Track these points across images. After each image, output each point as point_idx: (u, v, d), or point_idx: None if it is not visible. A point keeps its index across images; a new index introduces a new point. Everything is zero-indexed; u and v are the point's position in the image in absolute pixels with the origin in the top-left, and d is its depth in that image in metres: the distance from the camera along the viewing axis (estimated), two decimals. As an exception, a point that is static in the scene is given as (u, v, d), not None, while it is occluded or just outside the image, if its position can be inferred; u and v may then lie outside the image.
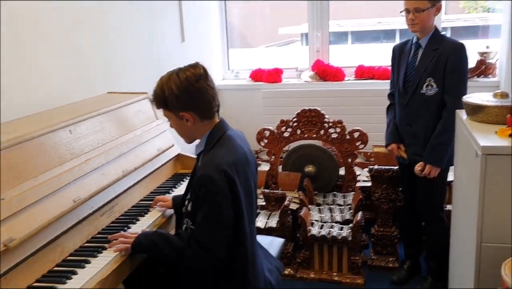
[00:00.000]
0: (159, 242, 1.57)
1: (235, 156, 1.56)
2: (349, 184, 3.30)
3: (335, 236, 2.74)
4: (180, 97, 1.56)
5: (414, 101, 2.44)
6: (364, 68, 3.94)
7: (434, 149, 2.38)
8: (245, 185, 1.57)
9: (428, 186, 2.49)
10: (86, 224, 1.73)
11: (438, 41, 2.39)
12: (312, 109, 3.26)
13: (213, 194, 1.48)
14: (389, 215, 2.87)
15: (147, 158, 2.21)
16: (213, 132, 1.63)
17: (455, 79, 2.34)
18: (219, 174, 1.47)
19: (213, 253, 1.50)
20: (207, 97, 1.58)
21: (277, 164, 3.39)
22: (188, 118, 1.60)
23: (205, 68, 1.62)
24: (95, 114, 2.05)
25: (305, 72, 4.11)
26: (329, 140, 3.27)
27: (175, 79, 1.57)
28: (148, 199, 2.09)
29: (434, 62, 2.37)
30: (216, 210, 1.49)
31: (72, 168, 1.76)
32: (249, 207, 1.61)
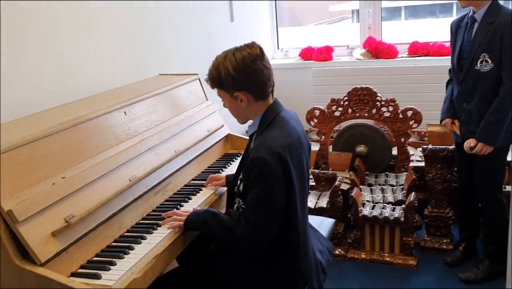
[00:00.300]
0: (210, 221, 1.61)
1: (288, 138, 1.55)
2: (402, 164, 3.23)
3: (387, 217, 2.70)
4: (235, 78, 1.55)
5: (469, 78, 2.34)
6: (419, 44, 3.80)
7: (487, 127, 2.28)
8: (298, 167, 1.56)
9: (487, 165, 2.39)
10: (142, 202, 1.79)
11: (495, 14, 2.24)
12: (364, 87, 3.19)
13: (266, 175, 1.48)
14: (443, 195, 2.79)
15: (198, 138, 2.24)
16: (267, 113, 1.62)
17: (511, 54, 2.19)
18: (272, 156, 1.47)
19: (261, 234, 1.51)
20: (263, 78, 1.57)
21: (328, 144, 3.36)
22: (243, 99, 1.59)
23: (261, 48, 1.59)
24: (148, 96, 2.10)
25: (356, 50, 4.02)
26: (381, 120, 3.20)
27: (231, 59, 1.55)
28: (199, 178, 2.13)
29: (489, 37, 2.24)
30: (268, 192, 1.49)
31: (127, 148, 1.82)
32: (302, 190, 1.61)
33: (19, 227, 1.32)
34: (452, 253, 2.73)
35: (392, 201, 2.90)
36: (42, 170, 1.48)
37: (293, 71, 4.15)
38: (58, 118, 1.67)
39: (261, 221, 1.51)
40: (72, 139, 1.64)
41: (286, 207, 1.54)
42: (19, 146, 1.45)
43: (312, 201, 2.91)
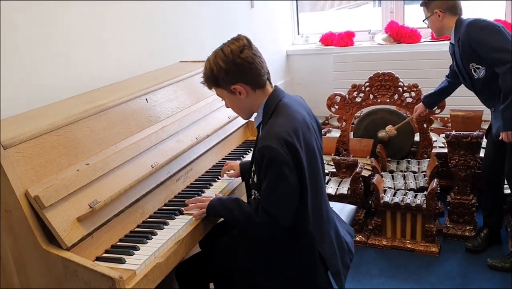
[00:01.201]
0: (232, 208, 1.62)
1: (293, 123, 1.54)
2: (424, 150, 3.19)
3: (409, 204, 2.68)
4: (228, 71, 1.56)
5: (477, 87, 2.49)
6: (443, 28, 3.71)
7: (503, 117, 2.32)
8: (307, 150, 1.56)
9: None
10: (164, 188, 1.81)
11: (458, 31, 2.44)
12: (386, 73, 3.15)
13: (275, 163, 1.48)
14: (466, 182, 2.75)
15: (218, 125, 2.25)
16: (269, 102, 1.62)
17: (487, 53, 2.32)
18: (279, 143, 1.47)
19: (279, 221, 1.52)
20: (255, 66, 1.57)
21: (349, 130, 3.33)
22: (241, 91, 1.59)
23: (248, 38, 1.60)
24: (169, 83, 2.12)
25: (378, 35, 3.96)
26: (403, 105, 3.16)
27: (220, 55, 1.57)
28: (220, 165, 2.15)
29: (462, 51, 2.43)
30: (279, 178, 1.49)
31: (149, 134, 1.84)
32: (314, 172, 1.60)
33: (46, 212, 1.35)
34: (473, 239, 2.70)
35: (414, 188, 2.88)
36: (66, 157, 1.52)
37: (313, 57, 4.11)
38: (81, 106, 1.70)
39: (277, 208, 1.52)
40: (96, 126, 1.67)
41: (300, 191, 1.54)
42: (44, 134, 1.48)
43: (332, 187, 2.90)
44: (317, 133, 1.69)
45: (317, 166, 1.63)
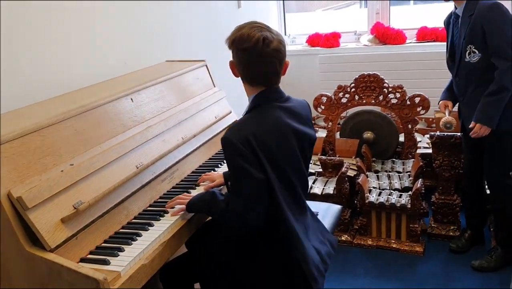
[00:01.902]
0: (209, 201, 1.62)
1: (264, 127, 1.52)
2: (409, 150, 3.22)
3: (394, 203, 2.70)
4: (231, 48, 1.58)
5: (461, 70, 2.41)
6: (427, 30, 3.75)
7: (482, 108, 2.30)
8: (272, 159, 1.51)
9: (495, 151, 2.39)
10: (149, 189, 1.80)
11: (473, 6, 2.29)
12: (371, 74, 3.17)
13: (235, 156, 1.47)
14: (450, 183, 2.78)
15: (205, 125, 2.25)
16: (255, 98, 1.60)
17: (497, 40, 2.23)
18: (238, 138, 1.46)
19: (246, 220, 1.50)
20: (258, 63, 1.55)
21: (335, 130, 3.35)
22: (233, 69, 1.61)
23: (266, 37, 1.54)
24: (154, 83, 2.10)
25: (364, 36, 3.98)
26: (388, 106, 3.19)
27: (243, 31, 1.56)
28: (206, 165, 2.14)
29: (470, 29, 2.30)
30: (241, 172, 1.48)
31: (134, 134, 1.83)
32: (283, 185, 1.56)
33: (29, 213, 1.34)
34: (457, 240, 2.73)
35: (398, 188, 2.90)
36: (50, 157, 1.50)
37: (300, 58, 4.12)
38: (66, 106, 1.68)
39: (244, 201, 1.49)
40: (80, 126, 1.65)
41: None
42: (28, 133, 1.46)
43: (319, 187, 2.92)
44: (303, 145, 1.64)
45: (288, 178, 1.58)
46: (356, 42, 4.05)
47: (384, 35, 3.81)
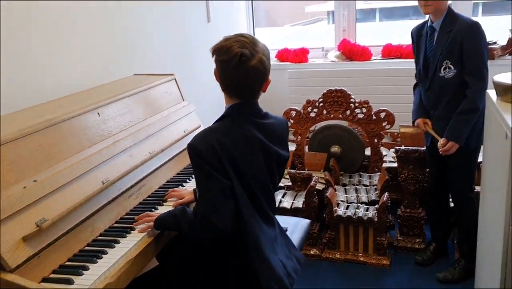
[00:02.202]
0: (179, 217, 1.60)
1: (231, 137, 1.52)
2: (375, 164, 3.28)
3: (361, 217, 2.74)
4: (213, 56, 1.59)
5: (435, 84, 2.43)
6: (392, 47, 3.86)
7: (454, 125, 2.36)
8: (236, 169, 1.52)
9: (460, 166, 2.47)
10: (115, 205, 1.77)
11: (452, 22, 2.34)
12: (338, 89, 3.23)
13: (200, 162, 1.48)
14: (415, 196, 2.84)
15: (173, 139, 2.23)
16: (230, 108, 1.61)
17: (473, 59, 2.30)
18: (204, 145, 1.47)
19: (216, 226, 1.48)
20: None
21: (304, 144, 3.39)
22: (215, 76, 1.61)
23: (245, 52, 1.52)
24: (122, 97, 2.08)
25: (331, 52, 4.06)
26: (355, 121, 3.24)
27: (226, 42, 1.56)
28: (174, 180, 2.12)
29: (448, 44, 2.34)
30: (206, 176, 1.48)
31: (101, 149, 1.80)
32: (250, 193, 1.57)
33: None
34: (422, 253, 2.79)
35: (365, 201, 2.95)
36: (13, 173, 1.45)
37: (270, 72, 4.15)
38: (30, 120, 1.64)
39: (211, 211, 1.48)
40: (44, 141, 1.61)
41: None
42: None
43: (288, 201, 2.93)
44: (272, 165, 1.64)
45: (252, 190, 1.58)
46: (324, 58, 4.13)
47: (351, 52, 3.90)
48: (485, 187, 2.13)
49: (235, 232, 1.54)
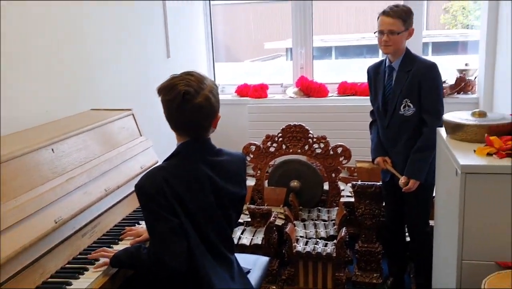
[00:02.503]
0: (135, 254, 1.57)
1: (179, 176, 1.51)
2: (333, 199, 3.32)
3: (320, 252, 2.75)
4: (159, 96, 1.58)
5: (394, 122, 2.50)
6: (347, 84, 3.99)
7: (413, 163, 2.43)
8: (185, 208, 1.51)
9: (416, 201, 2.53)
10: (68, 245, 1.71)
11: (410, 63, 2.44)
12: (297, 125, 3.28)
13: (148, 202, 1.47)
14: (372, 230, 2.89)
15: (130, 175, 2.20)
16: (179, 146, 1.60)
17: (431, 98, 2.39)
18: (151, 184, 1.46)
19: (166, 263, 1.45)
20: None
21: (263, 178, 3.40)
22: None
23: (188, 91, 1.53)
24: (78, 132, 2.04)
25: (289, 88, 4.15)
26: (313, 156, 3.30)
27: (170, 81, 1.57)
28: (131, 218, 2.08)
29: (408, 84, 2.42)
30: (155, 216, 1.46)
31: (54, 187, 1.75)
32: (201, 234, 1.56)
33: None
34: (380, 287, 2.81)
35: (324, 236, 2.97)
36: (-43, 213, 1.39)
37: (229, 107, 4.19)
38: (-22, 157, 1.58)
39: (161, 247, 1.46)
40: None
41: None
42: None
43: (247, 237, 2.91)
44: (225, 204, 1.62)
45: (202, 230, 1.56)
46: (283, 94, 4.21)
47: (308, 89, 4.00)
48: (438, 221, 2.20)
49: (189, 270, 1.52)
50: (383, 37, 2.39)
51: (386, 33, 2.38)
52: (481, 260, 1.64)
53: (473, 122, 1.83)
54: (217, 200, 1.59)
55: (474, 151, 1.71)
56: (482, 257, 1.64)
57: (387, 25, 2.38)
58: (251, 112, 4.05)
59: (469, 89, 3.73)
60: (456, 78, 3.73)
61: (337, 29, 5.80)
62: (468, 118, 1.87)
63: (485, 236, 1.63)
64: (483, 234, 1.63)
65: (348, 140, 3.40)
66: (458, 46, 5.35)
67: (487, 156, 1.65)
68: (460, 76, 3.73)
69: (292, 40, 4.16)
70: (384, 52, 2.47)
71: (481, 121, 1.82)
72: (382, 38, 2.40)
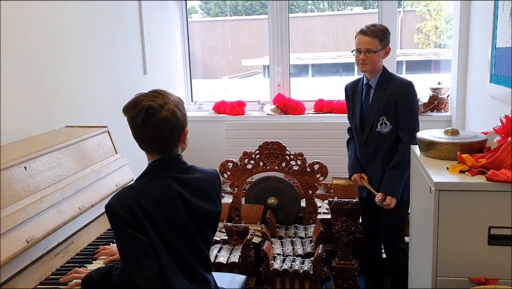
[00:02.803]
0: (107, 275, 1.54)
1: (149, 195, 1.49)
2: (310, 216, 3.33)
3: (297, 270, 2.74)
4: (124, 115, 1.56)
5: (371, 139, 2.54)
6: (324, 102, 4.04)
7: (390, 180, 2.46)
8: (156, 227, 1.49)
9: (391, 218, 2.55)
10: (40, 265, 1.67)
11: (387, 81, 2.50)
12: (274, 142, 3.30)
13: (118, 224, 1.44)
14: (349, 247, 2.90)
15: (105, 194, 2.16)
16: (149, 165, 1.59)
17: (407, 116, 2.45)
18: (121, 205, 1.44)
19: (137, 284, 1.42)
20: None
21: (240, 196, 3.39)
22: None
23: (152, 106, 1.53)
24: (52, 150, 2.01)
25: (267, 105, 4.17)
26: (290, 173, 3.31)
27: (134, 99, 1.56)
28: (105, 237, 2.04)
29: (385, 102, 2.47)
30: (125, 236, 1.44)
31: (26, 205, 1.71)
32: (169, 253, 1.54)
33: None
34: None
35: (301, 254, 2.96)
36: None
37: (207, 124, 4.19)
38: None
39: (132, 269, 1.43)
40: (-38, 198, 1.51)
41: None
42: None
43: (224, 256, 2.89)
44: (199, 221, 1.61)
45: (175, 249, 1.54)
46: (260, 111, 4.23)
47: (285, 106, 4.03)
48: (413, 238, 2.22)
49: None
50: (361, 56, 2.44)
51: (363, 51, 2.42)
52: (455, 276, 1.66)
53: (446, 140, 1.87)
54: (191, 218, 1.57)
55: (447, 168, 1.74)
56: (457, 273, 1.66)
57: (365, 44, 2.43)
58: (228, 129, 4.05)
59: (442, 107, 3.82)
60: (429, 97, 3.82)
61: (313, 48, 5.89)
62: (441, 136, 1.91)
63: (459, 252, 1.65)
64: (457, 250, 1.65)
65: (325, 157, 3.43)
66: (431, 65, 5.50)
67: (460, 173, 1.68)
68: (433, 95, 3.82)
69: (269, 58, 4.20)
70: (361, 70, 2.52)
71: (453, 139, 1.86)
72: (359, 57, 2.44)
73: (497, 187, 1.56)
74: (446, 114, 3.75)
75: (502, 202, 1.57)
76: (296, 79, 4.78)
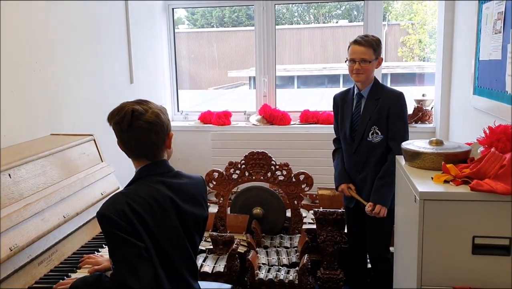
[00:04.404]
0: (94, 284, 1.52)
1: (140, 200, 1.49)
2: (295, 226, 3.34)
3: (282, 280, 2.74)
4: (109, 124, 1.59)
5: (362, 148, 2.56)
6: (309, 113, 4.07)
7: (379, 189, 2.48)
8: (149, 232, 1.49)
9: (378, 228, 2.57)
10: (23, 274, 1.64)
11: (379, 91, 2.53)
12: (260, 152, 3.30)
13: (111, 229, 1.43)
14: (334, 257, 2.91)
15: (90, 202, 2.15)
16: (138, 171, 1.60)
17: (398, 126, 2.48)
18: (113, 211, 1.43)
19: (128, 282, 1.41)
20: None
21: (226, 206, 3.38)
22: (119, 145, 1.60)
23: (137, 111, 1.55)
24: (36, 157, 1.99)
25: (253, 116, 4.19)
26: (276, 183, 3.32)
27: (118, 106, 1.59)
28: (89, 246, 2.02)
29: (376, 112, 2.50)
30: (119, 241, 1.43)
31: (10, 213, 1.69)
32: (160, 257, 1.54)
33: None
34: (343, 314, 2.82)
35: (287, 264, 2.96)
36: None
37: (192, 134, 4.18)
38: None
39: (127, 275, 1.42)
40: None
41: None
42: None
43: (209, 265, 2.87)
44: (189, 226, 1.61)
45: (166, 254, 1.54)
46: (246, 121, 4.24)
47: (271, 116, 4.05)
48: (398, 247, 2.24)
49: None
50: (355, 65, 2.47)
51: (358, 61, 2.46)
52: (440, 286, 1.68)
53: (430, 150, 1.90)
54: (181, 223, 1.58)
55: (431, 178, 1.76)
56: (441, 282, 1.68)
57: (359, 54, 2.46)
58: (214, 139, 4.05)
59: (426, 119, 3.88)
60: (414, 108, 3.88)
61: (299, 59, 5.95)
62: (426, 147, 1.94)
63: (444, 262, 1.67)
64: (442, 260, 1.67)
65: (310, 168, 3.44)
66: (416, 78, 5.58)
67: (444, 183, 1.71)
68: (417, 106, 3.89)
69: (256, 69, 4.22)
70: (355, 80, 2.55)
71: (438, 150, 1.89)
72: (354, 66, 2.47)
73: (481, 196, 1.58)
74: (430, 126, 3.81)
75: (486, 211, 1.59)
76: (282, 90, 4.82)
